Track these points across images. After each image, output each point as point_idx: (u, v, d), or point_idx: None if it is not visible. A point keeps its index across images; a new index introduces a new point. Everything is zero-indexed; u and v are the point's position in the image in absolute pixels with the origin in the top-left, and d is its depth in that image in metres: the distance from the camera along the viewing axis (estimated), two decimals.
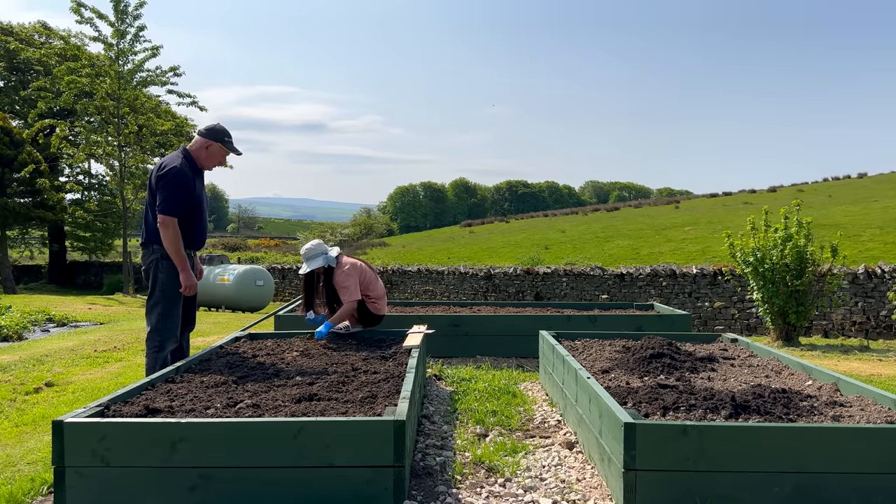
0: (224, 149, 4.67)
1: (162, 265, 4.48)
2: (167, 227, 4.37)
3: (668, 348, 4.73)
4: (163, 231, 4.37)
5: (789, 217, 9.28)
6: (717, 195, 54.59)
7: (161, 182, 4.41)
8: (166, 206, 4.37)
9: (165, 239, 4.38)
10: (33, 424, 4.45)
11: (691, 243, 25.64)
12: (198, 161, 4.64)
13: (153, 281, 4.52)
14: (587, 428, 3.66)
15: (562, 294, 14.91)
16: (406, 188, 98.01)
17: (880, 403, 3.46)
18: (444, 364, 6.40)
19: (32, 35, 26.23)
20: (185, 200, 4.46)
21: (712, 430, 2.87)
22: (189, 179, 4.50)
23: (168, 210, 4.37)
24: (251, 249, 37.84)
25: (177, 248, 4.40)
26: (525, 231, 40.34)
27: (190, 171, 4.54)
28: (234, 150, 4.73)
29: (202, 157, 4.64)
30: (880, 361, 7.64)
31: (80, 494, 2.82)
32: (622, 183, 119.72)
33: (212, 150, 4.64)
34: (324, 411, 3.24)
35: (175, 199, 4.41)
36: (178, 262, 4.43)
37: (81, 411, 3.03)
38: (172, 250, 4.40)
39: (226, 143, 4.66)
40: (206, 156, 4.64)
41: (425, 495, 3.14)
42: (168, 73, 20.83)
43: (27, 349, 7.81)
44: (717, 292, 13.00)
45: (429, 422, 4.37)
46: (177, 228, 4.40)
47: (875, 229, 22.52)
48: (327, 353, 4.82)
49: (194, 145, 4.65)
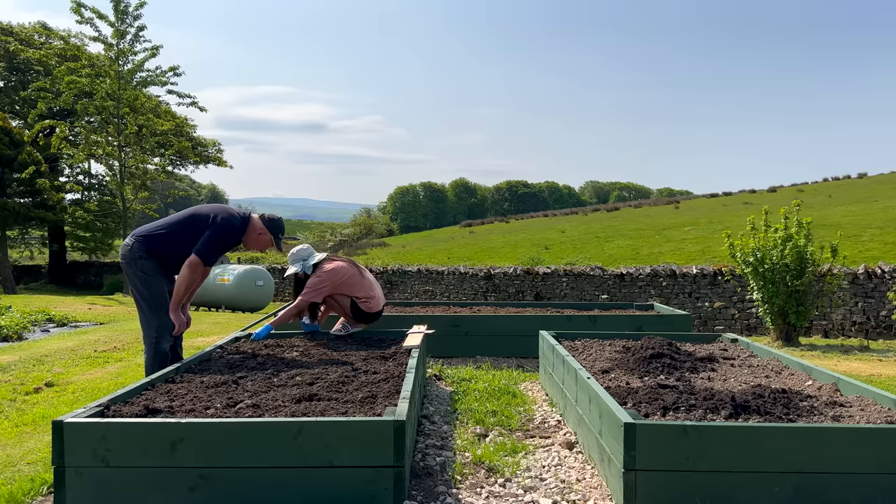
0: (272, 243, 4.83)
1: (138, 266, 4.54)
2: (193, 270, 4.43)
3: (668, 348, 4.73)
4: (187, 270, 4.41)
5: (789, 217, 9.28)
6: (717, 195, 54.60)
7: (218, 229, 4.50)
8: (206, 252, 4.45)
9: (183, 277, 4.43)
10: (33, 424, 4.45)
11: (691, 243, 25.65)
12: (246, 236, 4.73)
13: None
14: (587, 428, 3.66)
15: (562, 294, 14.92)
16: (406, 188, 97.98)
17: (880, 403, 3.46)
18: (444, 364, 6.40)
19: (32, 35, 26.22)
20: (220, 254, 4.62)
21: (712, 431, 2.87)
22: (232, 241, 4.66)
23: (205, 256, 4.45)
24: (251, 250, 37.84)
25: (186, 288, 4.46)
26: (525, 231, 40.36)
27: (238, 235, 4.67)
28: (279, 248, 4.93)
29: (251, 238, 4.76)
30: (880, 361, 7.65)
31: (79, 494, 2.81)
32: (622, 183, 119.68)
33: (262, 239, 4.79)
34: (324, 411, 3.24)
35: (214, 250, 4.50)
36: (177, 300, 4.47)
37: (81, 411, 3.02)
38: (183, 287, 4.44)
39: (277, 239, 4.82)
40: (254, 238, 4.77)
41: (425, 495, 3.14)
42: (168, 74, 20.82)
43: (27, 349, 7.81)
44: (717, 292, 13.00)
45: (429, 422, 4.37)
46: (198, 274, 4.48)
47: (875, 229, 22.53)
48: (327, 353, 4.83)
49: (253, 223, 4.74)
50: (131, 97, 19.90)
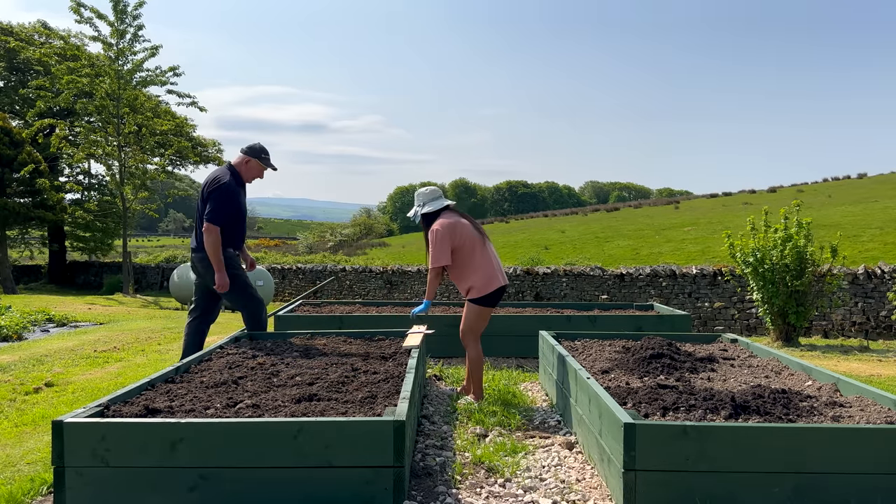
0: (261, 165, 5.31)
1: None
2: (210, 234, 5.01)
3: (667, 349, 4.73)
4: (206, 236, 5.02)
5: (789, 217, 9.28)
6: (716, 195, 54.57)
7: (212, 195, 5.06)
8: (213, 216, 5.02)
9: (207, 243, 5.02)
10: (33, 424, 4.45)
11: (691, 243, 25.64)
12: (240, 174, 5.28)
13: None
14: (587, 428, 3.66)
15: (561, 294, 14.91)
16: (406, 188, 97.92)
17: (880, 404, 3.46)
18: (444, 364, 6.41)
19: (32, 35, 26.18)
20: (229, 211, 5.10)
21: (712, 431, 2.87)
22: (234, 192, 5.15)
23: (214, 219, 5.02)
24: (251, 249, 37.87)
25: (216, 252, 5.03)
26: (525, 231, 40.34)
27: (235, 184, 5.19)
28: (270, 165, 5.37)
29: (243, 172, 5.29)
30: (880, 362, 7.64)
31: (79, 494, 2.82)
32: (622, 183, 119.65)
33: (250, 166, 5.30)
34: (323, 411, 3.24)
35: (221, 211, 5.05)
36: (215, 264, 5.06)
37: (81, 411, 3.02)
38: (211, 252, 5.04)
39: (262, 159, 5.31)
40: (245, 170, 5.30)
41: (425, 495, 3.14)
42: (167, 73, 20.79)
43: (27, 349, 7.81)
44: (716, 293, 13.00)
45: (429, 422, 4.37)
46: (218, 235, 5.03)
47: (875, 230, 22.52)
48: (327, 353, 4.83)
49: (237, 160, 5.31)
50: (131, 97, 19.88)
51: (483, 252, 4.72)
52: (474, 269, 4.67)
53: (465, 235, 4.68)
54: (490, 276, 4.68)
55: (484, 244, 4.74)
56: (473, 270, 4.67)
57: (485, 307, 4.74)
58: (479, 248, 4.71)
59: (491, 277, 4.68)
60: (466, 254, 4.67)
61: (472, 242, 4.69)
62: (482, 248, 4.72)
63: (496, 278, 4.70)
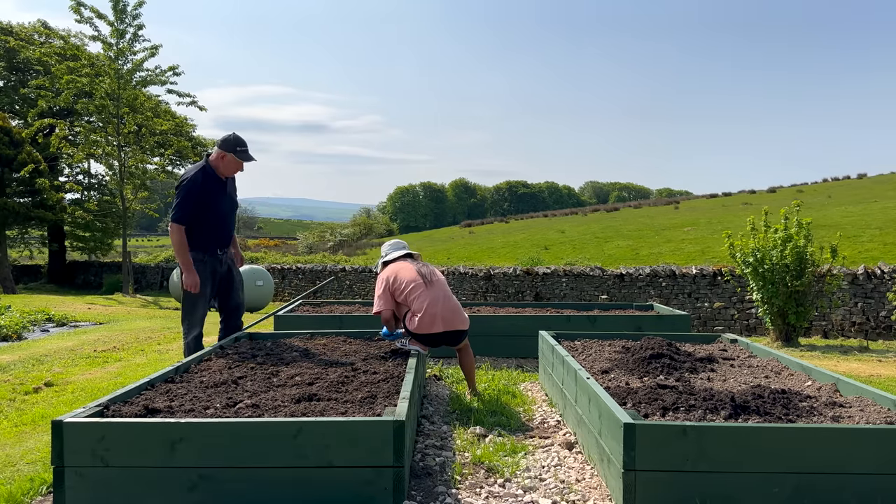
0: (237, 158, 4.99)
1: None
2: (173, 233, 4.82)
3: (667, 349, 4.73)
4: (170, 235, 4.84)
5: (789, 218, 9.28)
6: (716, 196, 54.57)
7: (177, 194, 4.90)
8: (174, 215, 4.84)
9: (172, 242, 4.85)
10: (32, 424, 4.45)
11: (691, 244, 25.63)
12: (217, 170, 4.99)
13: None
14: (587, 428, 3.66)
15: (561, 294, 14.91)
16: (406, 188, 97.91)
17: (880, 404, 3.46)
18: (444, 364, 6.41)
19: (32, 35, 26.19)
20: (196, 211, 4.85)
21: (712, 431, 2.87)
22: (205, 191, 4.88)
23: (175, 218, 4.83)
24: (251, 249, 37.83)
25: (180, 251, 4.81)
26: (525, 231, 40.33)
27: (208, 180, 4.92)
28: (246, 158, 5.04)
29: (220, 167, 5.00)
30: (880, 362, 7.65)
31: (79, 494, 2.81)
32: (622, 183, 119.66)
33: (227, 160, 4.99)
34: (323, 411, 3.24)
35: (182, 209, 4.83)
36: (181, 264, 4.84)
37: (81, 411, 3.02)
38: (176, 251, 4.85)
39: (238, 152, 4.98)
40: (222, 165, 5.00)
41: (425, 495, 3.14)
42: (167, 73, 20.80)
43: (26, 349, 7.81)
44: (716, 293, 13.00)
45: (428, 422, 4.37)
46: (182, 234, 4.81)
47: (875, 230, 22.51)
48: (327, 353, 4.83)
49: (212, 155, 5.01)
50: (131, 97, 19.88)
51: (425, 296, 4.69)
52: (413, 313, 4.74)
53: (405, 280, 4.76)
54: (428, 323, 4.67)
55: (426, 288, 4.72)
56: (412, 314, 4.74)
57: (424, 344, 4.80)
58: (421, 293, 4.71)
59: (429, 323, 4.67)
60: (406, 298, 4.76)
61: (414, 287, 4.72)
62: (425, 292, 4.71)
63: (435, 324, 4.67)
